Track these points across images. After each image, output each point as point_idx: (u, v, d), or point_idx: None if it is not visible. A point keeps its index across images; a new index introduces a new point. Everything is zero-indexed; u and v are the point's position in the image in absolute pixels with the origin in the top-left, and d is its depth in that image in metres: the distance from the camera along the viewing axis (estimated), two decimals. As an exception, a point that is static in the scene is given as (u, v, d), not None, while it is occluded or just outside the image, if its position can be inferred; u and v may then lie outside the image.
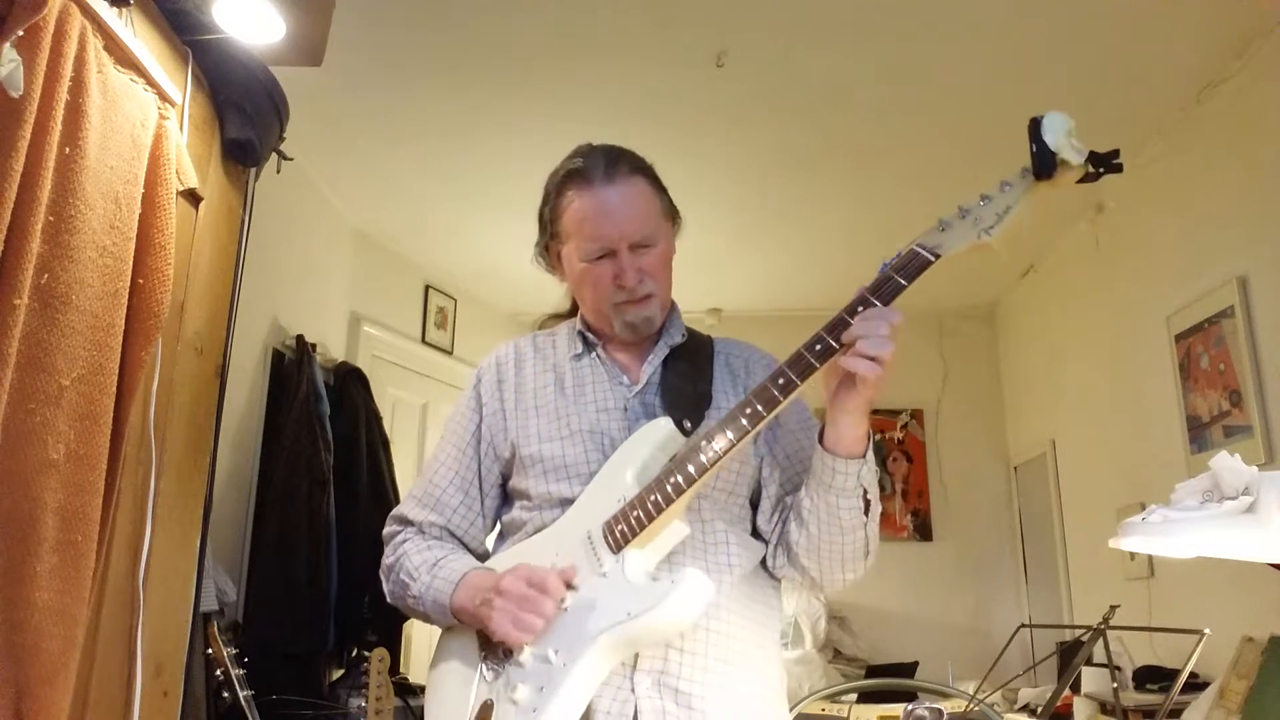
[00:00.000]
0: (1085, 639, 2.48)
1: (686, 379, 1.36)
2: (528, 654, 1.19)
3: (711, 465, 1.15)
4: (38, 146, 1.27)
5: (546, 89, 3.02)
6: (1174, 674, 2.31)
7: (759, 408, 1.14)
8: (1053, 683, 3.25)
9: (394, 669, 3.13)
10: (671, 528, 1.20)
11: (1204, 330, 2.96)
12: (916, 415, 4.97)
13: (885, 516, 1.58)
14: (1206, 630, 2.16)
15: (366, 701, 2.43)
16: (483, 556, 1.40)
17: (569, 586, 1.19)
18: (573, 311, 1.50)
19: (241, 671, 2.17)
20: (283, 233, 3.32)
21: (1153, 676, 2.87)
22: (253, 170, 2.05)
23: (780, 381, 1.13)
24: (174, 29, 1.76)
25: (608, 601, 1.16)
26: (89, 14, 1.40)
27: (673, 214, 1.41)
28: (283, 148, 2.14)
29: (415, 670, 3.94)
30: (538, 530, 1.30)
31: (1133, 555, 3.28)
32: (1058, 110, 1.07)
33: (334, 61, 2.15)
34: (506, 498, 1.41)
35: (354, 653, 3.31)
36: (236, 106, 1.91)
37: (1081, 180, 1.09)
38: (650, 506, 1.17)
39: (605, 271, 1.32)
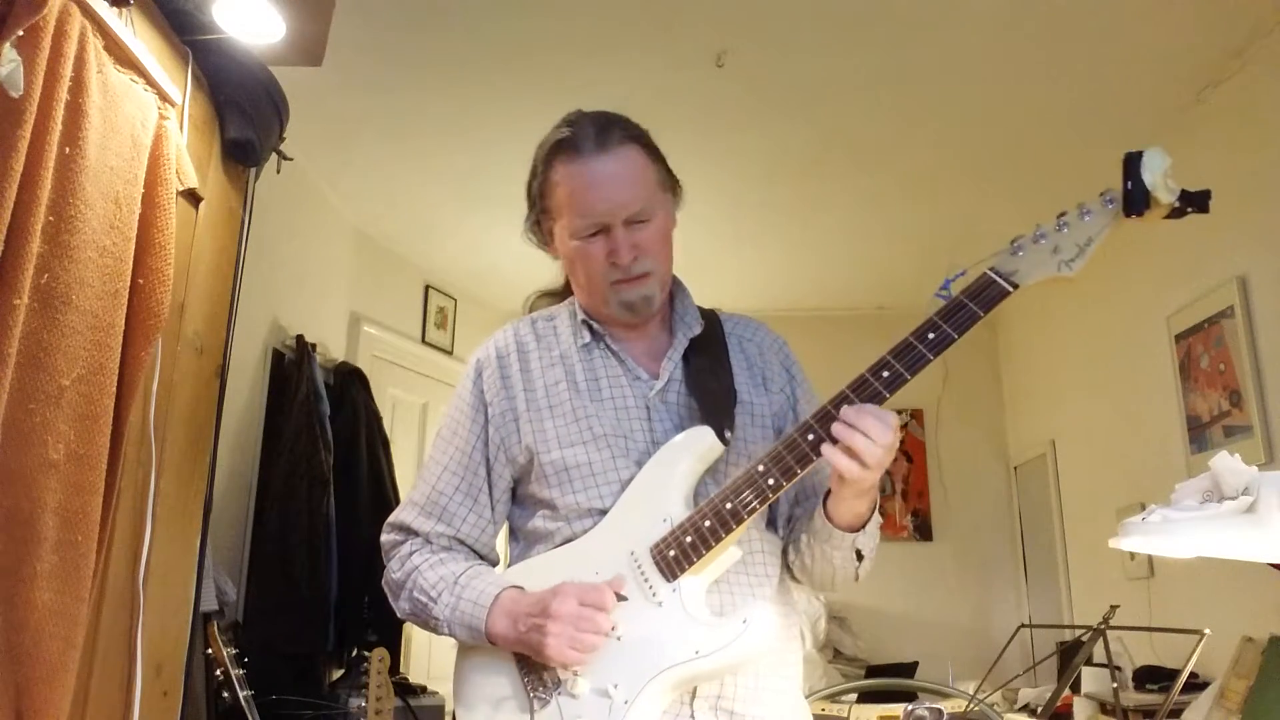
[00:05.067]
0: (1085, 639, 2.48)
1: (711, 376, 1.28)
2: (584, 686, 1.14)
3: (774, 496, 1.13)
4: (38, 146, 1.27)
5: (547, 89, 3.02)
6: (1174, 674, 2.31)
7: (809, 451, 1.10)
8: (1053, 683, 3.24)
9: (394, 669, 3.13)
10: (726, 554, 1.17)
11: (1204, 330, 2.96)
12: (916, 415, 4.96)
13: (885, 516, 1.57)
14: (1206, 630, 2.16)
15: (366, 701, 2.43)
16: (494, 561, 1.34)
17: (619, 597, 1.15)
18: (566, 289, 1.41)
19: (241, 671, 2.17)
20: (283, 233, 3.32)
21: (1153, 676, 2.87)
22: (253, 170, 2.05)
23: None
24: (174, 29, 1.76)
25: (671, 636, 1.12)
26: (89, 14, 1.40)
27: (672, 184, 1.32)
28: (283, 148, 2.14)
29: (415, 670, 3.94)
30: (567, 540, 1.24)
31: (1133, 555, 3.27)
32: (1155, 148, 1.02)
33: (334, 61, 2.15)
34: (516, 499, 1.34)
35: (354, 653, 3.31)
36: (236, 106, 1.91)
37: (1167, 216, 1.03)
38: (708, 534, 1.13)
39: (598, 249, 1.24)
